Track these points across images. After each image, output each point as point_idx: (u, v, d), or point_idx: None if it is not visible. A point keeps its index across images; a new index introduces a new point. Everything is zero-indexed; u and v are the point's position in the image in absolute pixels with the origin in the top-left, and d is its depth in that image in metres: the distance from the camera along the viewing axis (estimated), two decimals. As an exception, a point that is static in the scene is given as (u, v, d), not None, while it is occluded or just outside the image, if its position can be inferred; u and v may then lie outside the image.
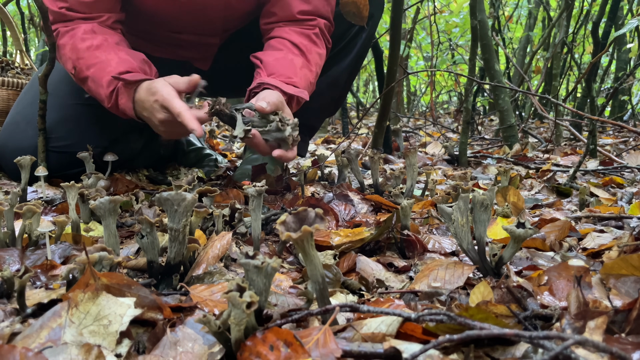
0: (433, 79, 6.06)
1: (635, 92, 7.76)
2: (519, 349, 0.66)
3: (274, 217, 1.36)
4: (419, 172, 2.29)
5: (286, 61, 1.64)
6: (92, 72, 1.54)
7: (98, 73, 1.53)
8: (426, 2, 5.12)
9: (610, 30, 3.96)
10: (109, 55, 1.53)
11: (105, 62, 1.52)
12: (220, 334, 0.63)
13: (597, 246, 1.16)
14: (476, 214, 0.95)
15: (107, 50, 1.55)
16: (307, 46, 1.71)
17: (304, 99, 1.63)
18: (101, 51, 1.55)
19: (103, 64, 1.52)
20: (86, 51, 1.55)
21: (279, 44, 1.71)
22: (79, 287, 0.73)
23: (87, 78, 1.56)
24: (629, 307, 0.70)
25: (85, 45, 1.56)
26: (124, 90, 1.51)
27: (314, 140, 4.09)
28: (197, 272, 0.95)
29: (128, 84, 1.49)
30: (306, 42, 1.72)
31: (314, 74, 1.72)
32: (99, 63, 1.53)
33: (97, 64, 1.53)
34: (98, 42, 1.56)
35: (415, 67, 7.66)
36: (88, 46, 1.55)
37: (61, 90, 1.83)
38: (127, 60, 1.53)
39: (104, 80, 1.51)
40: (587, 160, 2.77)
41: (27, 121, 1.78)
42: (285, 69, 1.62)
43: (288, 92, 1.56)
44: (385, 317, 0.70)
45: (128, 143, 2.03)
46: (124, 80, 1.49)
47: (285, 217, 0.72)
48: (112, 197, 0.93)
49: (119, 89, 1.51)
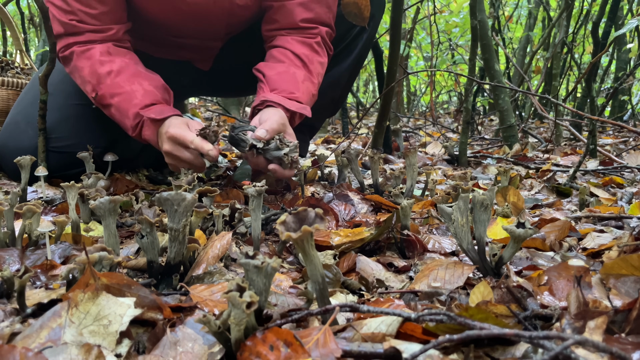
0: (433, 79, 6.06)
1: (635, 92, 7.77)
2: (519, 349, 0.66)
3: (274, 217, 1.36)
4: (419, 172, 2.29)
5: (288, 75, 1.66)
6: (116, 102, 1.59)
7: (123, 104, 1.58)
8: (426, 2, 5.12)
9: (610, 30, 3.96)
10: (132, 85, 1.59)
11: (130, 93, 1.58)
12: (220, 334, 0.63)
13: (597, 246, 1.16)
14: (476, 214, 0.95)
15: (129, 78, 1.60)
16: (309, 56, 1.72)
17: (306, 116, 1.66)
18: (123, 79, 1.59)
19: (128, 95, 1.58)
20: (107, 77, 1.59)
21: (281, 55, 1.72)
22: (79, 287, 0.73)
23: (110, 105, 1.61)
24: (629, 307, 0.70)
25: (105, 70, 1.59)
26: (150, 123, 1.58)
27: (314, 140, 4.09)
28: (197, 272, 0.95)
29: (154, 120, 1.57)
30: (308, 52, 1.72)
31: (316, 85, 1.73)
32: (124, 94, 1.58)
33: (121, 94, 1.58)
34: (118, 67, 1.60)
35: (415, 67, 7.66)
36: (108, 71, 1.59)
37: (62, 91, 1.83)
38: (151, 92, 1.59)
39: (130, 113, 1.57)
40: (587, 160, 2.77)
41: (28, 121, 1.78)
42: (288, 83, 1.64)
43: (290, 109, 1.59)
44: (385, 317, 0.70)
45: (128, 143, 2.03)
46: (151, 118, 1.56)
47: (285, 217, 0.72)
48: (112, 197, 0.93)
49: (144, 122, 1.58)
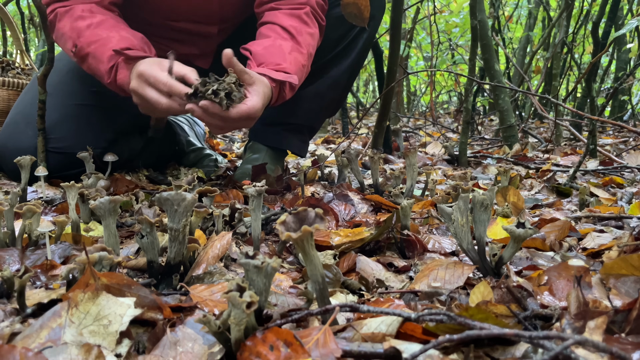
0: (433, 79, 6.06)
1: (635, 92, 7.76)
2: (519, 349, 0.66)
3: (274, 217, 1.36)
4: (419, 172, 2.29)
5: (274, 48, 1.62)
6: (92, 49, 1.55)
7: (99, 49, 1.54)
8: (426, 2, 5.12)
9: (610, 30, 3.96)
10: (110, 32, 1.55)
11: (106, 38, 1.54)
12: (220, 334, 0.63)
13: (597, 246, 1.16)
14: (476, 214, 0.95)
15: (108, 28, 1.57)
16: (298, 28, 1.68)
17: (295, 84, 1.62)
18: (102, 29, 1.56)
19: (104, 41, 1.54)
20: (87, 29, 1.56)
21: (268, 31, 1.69)
22: (79, 287, 0.73)
23: (87, 55, 1.57)
24: (629, 307, 0.70)
25: (85, 23, 1.57)
26: (124, 65, 1.51)
27: (314, 140, 4.09)
28: (197, 272, 0.95)
29: (129, 59, 1.50)
30: (296, 24, 1.69)
31: (306, 55, 1.68)
32: (100, 40, 1.54)
33: (98, 40, 1.54)
34: (98, 21, 1.58)
35: (415, 67, 7.66)
36: (88, 24, 1.57)
37: (61, 91, 1.83)
38: (127, 38, 1.54)
39: (105, 56, 1.52)
40: (587, 160, 2.77)
41: (27, 122, 1.78)
42: (274, 56, 1.60)
43: (277, 79, 1.54)
44: (385, 317, 0.70)
45: (128, 143, 2.03)
46: (125, 55, 1.49)
47: (285, 217, 0.72)
48: (112, 197, 0.93)
49: (118, 64, 1.52)
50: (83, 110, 1.83)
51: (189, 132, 2.46)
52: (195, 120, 2.61)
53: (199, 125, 2.61)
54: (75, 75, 1.88)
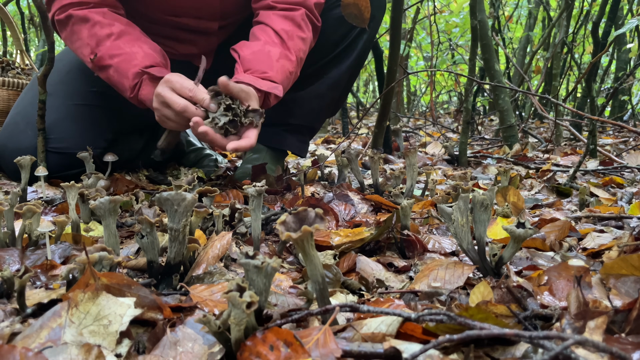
0: (433, 79, 6.06)
1: (635, 92, 7.77)
2: (519, 349, 0.66)
3: (274, 217, 1.36)
4: (419, 172, 2.29)
5: (262, 54, 1.62)
6: (116, 62, 1.58)
7: (123, 64, 1.58)
8: (426, 2, 5.12)
9: (610, 30, 3.96)
10: (133, 48, 1.59)
11: (130, 54, 1.58)
12: (220, 334, 0.63)
13: (597, 246, 1.16)
14: (476, 214, 0.95)
15: (130, 42, 1.60)
16: (289, 32, 1.68)
17: (280, 96, 1.63)
18: (124, 42, 1.60)
19: (129, 56, 1.58)
20: (107, 39, 1.59)
21: (260, 32, 1.69)
22: (79, 287, 0.73)
23: (109, 67, 1.60)
24: (629, 307, 0.70)
25: (105, 32, 1.60)
26: (148, 83, 1.57)
27: (314, 140, 4.09)
28: (197, 272, 0.95)
29: (153, 78, 1.56)
30: (289, 27, 1.68)
31: (294, 62, 1.68)
32: (124, 54, 1.58)
33: (121, 55, 1.58)
34: (119, 31, 1.61)
35: (415, 67, 7.66)
36: (108, 34, 1.60)
37: (61, 91, 1.83)
38: (151, 55, 1.60)
39: (130, 72, 1.57)
40: (587, 160, 2.77)
41: (27, 122, 1.78)
42: (261, 63, 1.61)
43: (262, 89, 1.56)
44: (385, 317, 0.70)
45: (128, 144, 2.03)
46: (152, 75, 1.55)
47: (285, 217, 0.72)
48: (112, 197, 0.93)
49: (143, 81, 1.57)
50: (83, 111, 1.83)
51: (189, 132, 2.46)
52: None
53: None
54: (76, 75, 1.88)
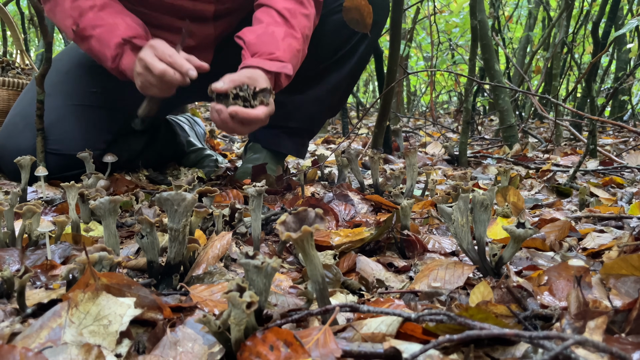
0: (433, 79, 6.06)
1: (635, 92, 7.76)
2: (519, 349, 0.66)
3: (274, 217, 1.36)
4: (419, 172, 2.29)
5: (267, 36, 1.62)
6: (98, 33, 1.60)
7: (106, 34, 1.59)
8: (426, 2, 5.12)
9: (610, 30, 3.96)
10: (115, 19, 1.61)
11: (113, 25, 1.60)
12: (220, 334, 0.63)
13: (597, 246, 1.16)
14: (476, 214, 0.95)
15: (112, 14, 1.62)
16: (292, 10, 1.67)
17: (290, 74, 1.62)
18: (106, 14, 1.61)
19: (111, 27, 1.60)
20: (89, 10, 1.61)
21: (262, 15, 1.68)
22: (79, 287, 0.73)
23: (91, 37, 1.61)
24: (629, 307, 0.70)
25: (88, 4, 1.61)
26: (130, 53, 1.59)
27: (314, 140, 4.09)
28: (197, 272, 0.95)
29: (135, 47, 1.58)
30: (291, 5, 1.67)
31: (300, 40, 1.67)
32: (107, 25, 1.60)
33: (104, 25, 1.60)
34: (101, 3, 1.62)
35: (415, 67, 7.66)
36: (91, 5, 1.61)
37: (59, 91, 1.83)
38: (134, 27, 1.61)
39: (112, 42, 1.58)
40: (587, 160, 2.77)
41: (26, 122, 1.78)
42: (267, 45, 1.60)
43: (270, 70, 1.55)
44: (385, 317, 0.70)
45: (127, 144, 2.03)
46: (133, 44, 1.57)
47: (285, 217, 0.72)
48: (112, 197, 0.93)
49: (125, 51, 1.59)
50: (82, 111, 1.83)
51: (190, 133, 2.46)
52: (195, 121, 2.61)
53: (199, 126, 2.61)
54: (75, 75, 1.88)
